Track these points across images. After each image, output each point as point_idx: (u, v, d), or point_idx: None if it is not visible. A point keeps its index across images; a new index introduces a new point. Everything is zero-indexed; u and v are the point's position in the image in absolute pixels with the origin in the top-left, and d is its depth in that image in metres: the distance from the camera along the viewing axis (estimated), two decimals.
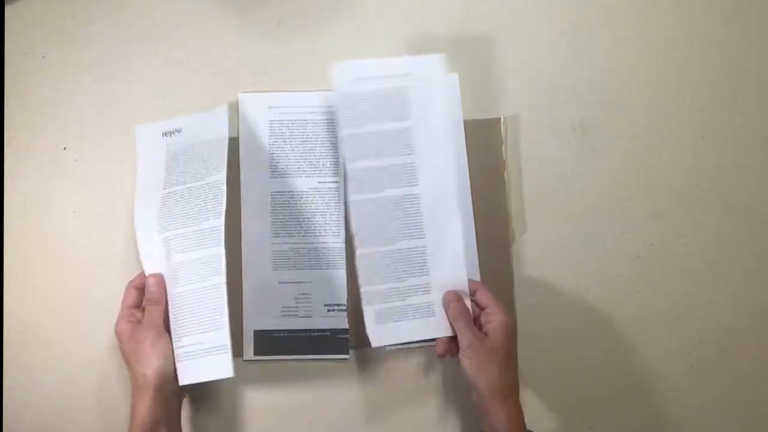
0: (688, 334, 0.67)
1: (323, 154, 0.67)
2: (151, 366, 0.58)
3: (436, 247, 0.63)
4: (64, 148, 0.68)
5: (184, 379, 0.59)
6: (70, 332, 0.66)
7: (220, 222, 0.60)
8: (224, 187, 0.61)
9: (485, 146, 0.68)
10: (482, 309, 0.61)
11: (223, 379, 0.59)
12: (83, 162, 0.68)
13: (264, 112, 0.68)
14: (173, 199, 0.63)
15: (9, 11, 0.69)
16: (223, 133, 0.63)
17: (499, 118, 0.68)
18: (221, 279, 0.59)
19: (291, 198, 0.67)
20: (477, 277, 0.65)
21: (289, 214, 0.67)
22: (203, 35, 0.69)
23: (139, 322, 0.61)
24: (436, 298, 0.62)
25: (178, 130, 0.65)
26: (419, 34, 0.69)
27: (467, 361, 0.58)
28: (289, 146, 0.67)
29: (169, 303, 0.61)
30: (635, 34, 0.69)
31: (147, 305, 0.61)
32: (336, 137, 0.66)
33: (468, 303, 0.62)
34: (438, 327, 0.62)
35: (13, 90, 0.69)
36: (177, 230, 0.62)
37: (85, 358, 0.66)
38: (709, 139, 0.68)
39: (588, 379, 0.67)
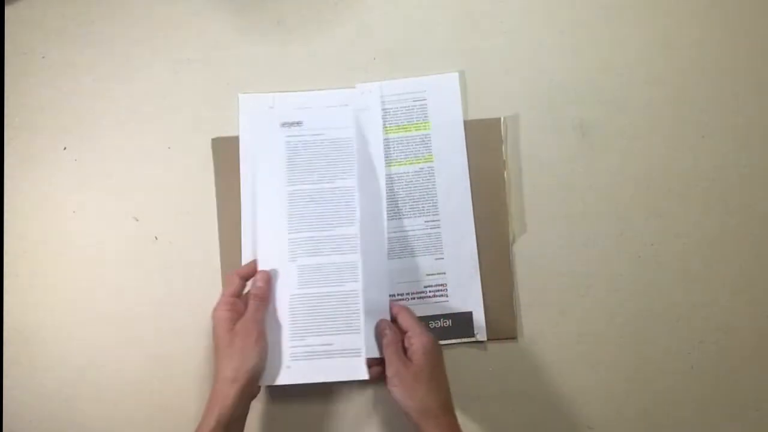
0: (688, 334, 0.67)
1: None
2: (248, 363, 0.57)
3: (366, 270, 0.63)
4: (64, 148, 0.68)
5: (312, 378, 0.61)
6: (70, 332, 0.67)
7: (356, 230, 0.63)
8: (357, 194, 0.63)
9: (485, 146, 0.68)
10: (404, 333, 0.61)
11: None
12: (83, 162, 0.68)
13: (265, 111, 0.68)
14: (302, 200, 0.64)
15: (9, 11, 0.69)
16: (350, 134, 0.65)
17: (499, 118, 0.68)
18: (358, 285, 0.62)
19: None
20: (477, 280, 0.66)
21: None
22: (203, 35, 0.69)
23: (239, 313, 0.60)
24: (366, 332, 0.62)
25: (298, 123, 0.66)
26: (419, 33, 0.69)
27: (395, 389, 0.58)
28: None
29: (284, 302, 0.63)
30: (635, 34, 0.69)
31: (253, 300, 0.61)
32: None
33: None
34: (358, 367, 0.61)
35: (13, 90, 0.69)
36: (308, 233, 0.64)
37: (85, 358, 0.66)
38: (709, 139, 0.68)
39: (588, 379, 0.67)
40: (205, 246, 0.67)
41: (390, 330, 0.61)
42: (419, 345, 0.59)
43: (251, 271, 0.63)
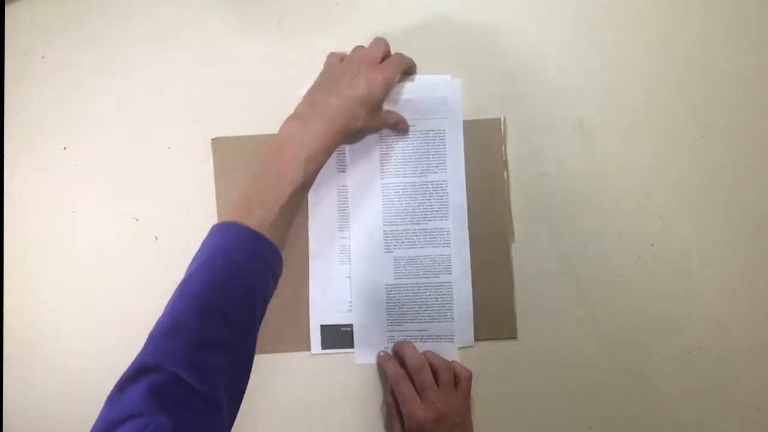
0: (688, 334, 0.67)
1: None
2: (366, 89, 0.58)
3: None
4: (64, 148, 0.68)
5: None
6: (71, 332, 0.67)
7: (449, 224, 0.66)
8: (449, 188, 0.66)
9: (485, 146, 0.68)
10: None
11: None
12: (83, 162, 0.68)
13: None
14: (395, 193, 0.67)
15: (9, 11, 0.69)
16: (443, 126, 0.67)
17: (499, 118, 0.68)
18: (451, 278, 0.66)
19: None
20: (469, 289, 0.67)
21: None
22: (203, 35, 0.69)
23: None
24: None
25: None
26: (420, 33, 0.69)
27: None
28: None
29: (381, 291, 0.67)
30: (635, 34, 0.69)
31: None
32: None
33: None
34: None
35: (13, 90, 0.69)
36: (403, 226, 0.67)
37: (85, 358, 0.66)
38: (709, 139, 0.68)
39: (588, 379, 0.67)
40: None
41: (395, 371, 0.64)
42: (412, 424, 0.60)
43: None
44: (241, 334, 0.51)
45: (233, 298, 0.51)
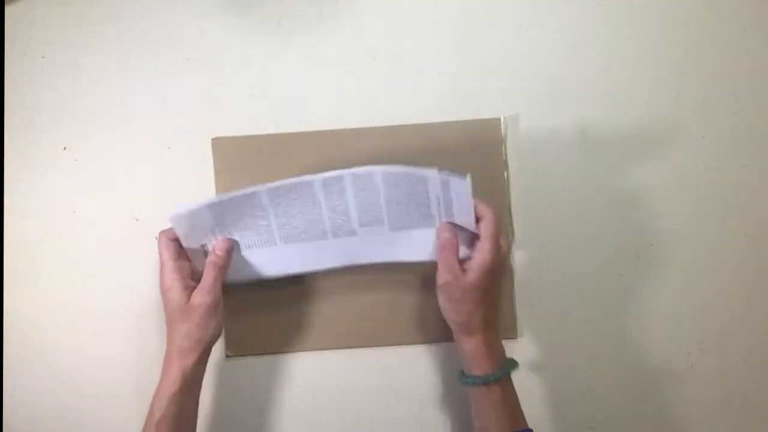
0: (688, 334, 0.67)
1: None
2: (207, 334, 0.57)
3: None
4: (64, 148, 0.68)
5: None
6: (71, 332, 0.67)
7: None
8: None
9: (485, 146, 0.68)
10: (477, 239, 0.58)
11: None
12: (83, 162, 0.68)
13: None
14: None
15: (9, 11, 0.69)
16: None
17: (499, 118, 0.68)
18: None
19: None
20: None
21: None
22: (203, 35, 0.69)
23: (188, 277, 0.58)
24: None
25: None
26: (419, 33, 0.69)
27: (440, 297, 0.58)
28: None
29: None
30: (635, 34, 0.69)
31: (212, 269, 0.58)
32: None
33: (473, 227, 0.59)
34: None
35: (13, 90, 0.69)
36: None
37: (85, 358, 0.66)
38: (709, 139, 0.68)
39: (588, 379, 0.67)
40: None
41: (449, 233, 0.58)
42: (479, 262, 0.56)
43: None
44: None
45: None
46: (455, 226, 0.59)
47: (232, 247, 0.60)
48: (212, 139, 0.68)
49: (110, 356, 0.66)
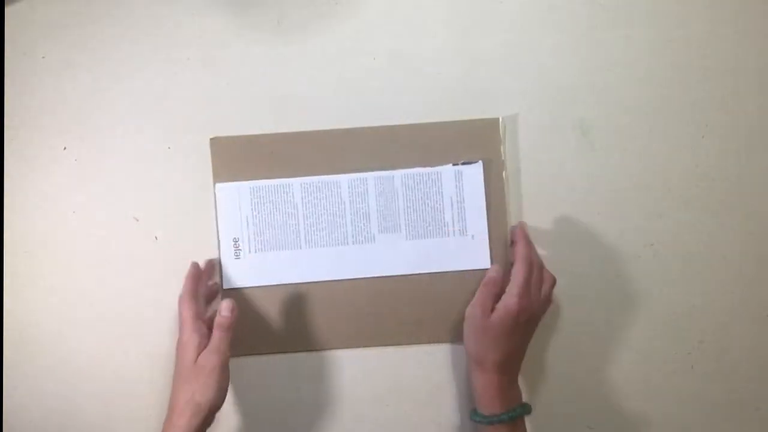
0: (688, 334, 0.67)
1: None
2: (212, 395, 0.56)
3: None
4: (64, 148, 0.68)
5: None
6: (71, 332, 0.67)
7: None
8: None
9: (485, 146, 0.68)
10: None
11: None
12: (83, 162, 0.68)
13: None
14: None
15: (9, 11, 0.69)
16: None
17: (498, 118, 0.68)
18: None
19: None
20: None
21: None
22: (203, 35, 0.69)
23: (205, 338, 0.59)
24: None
25: None
26: (419, 33, 0.69)
27: (465, 324, 0.62)
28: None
29: None
30: (635, 34, 0.69)
31: (218, 330, 0.59)
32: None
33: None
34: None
35: (13, 90, 0.69)
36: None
37: (85, 359, 0.66)
38: (709, 139, 0.68)
39: (588, 379, 0.67)
40: (205, 246, 0.67)
41: (495, 273, 0.63)
42: (502, 305, 0.59)
43: (207, 272, 0.65)
44: None
45: None
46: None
47: (236, 308, 0.61)
48: (210, 139, 0.68)
49: (110, 356, 0.66)
